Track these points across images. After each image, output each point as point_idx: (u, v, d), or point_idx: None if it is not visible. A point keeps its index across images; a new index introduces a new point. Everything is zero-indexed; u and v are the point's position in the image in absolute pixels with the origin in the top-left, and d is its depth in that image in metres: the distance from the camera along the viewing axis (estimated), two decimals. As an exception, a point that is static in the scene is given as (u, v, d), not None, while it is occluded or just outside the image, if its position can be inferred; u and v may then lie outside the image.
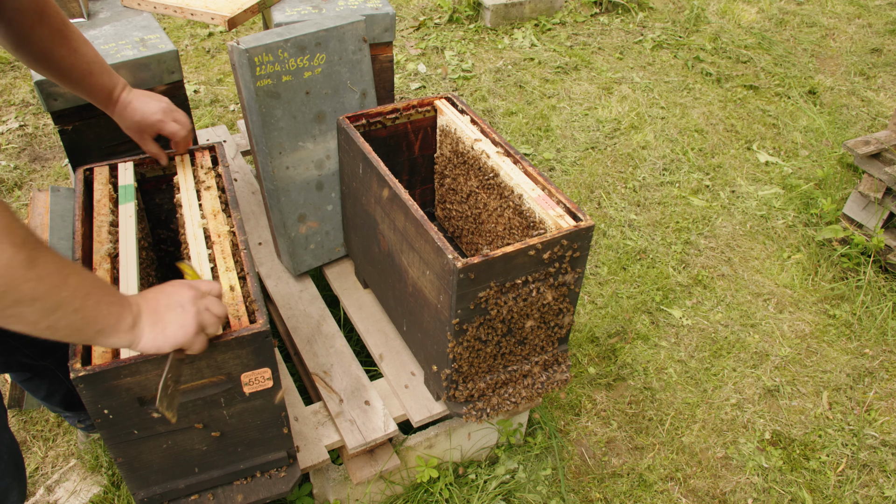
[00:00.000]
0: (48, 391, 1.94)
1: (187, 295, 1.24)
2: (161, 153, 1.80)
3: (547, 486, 2.18)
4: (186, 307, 1.23)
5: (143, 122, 1.70)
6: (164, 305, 1.21)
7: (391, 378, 2.03)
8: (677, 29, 4.94)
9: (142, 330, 1.18)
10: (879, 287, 2.94)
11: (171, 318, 1.21)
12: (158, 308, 1.21)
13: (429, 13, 4.97)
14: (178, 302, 1.23)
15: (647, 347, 2.70)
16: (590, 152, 3.72)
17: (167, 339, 1.21)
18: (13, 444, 1.51)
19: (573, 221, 1.70)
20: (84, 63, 1.58)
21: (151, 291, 1.24)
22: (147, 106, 1.70)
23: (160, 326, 1.20)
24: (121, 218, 1.69)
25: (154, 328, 1.19)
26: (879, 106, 4.24)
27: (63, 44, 1.53)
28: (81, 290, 1.08)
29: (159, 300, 1.22)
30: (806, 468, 2.32)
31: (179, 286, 1.26)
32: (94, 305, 1.09)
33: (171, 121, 1.74)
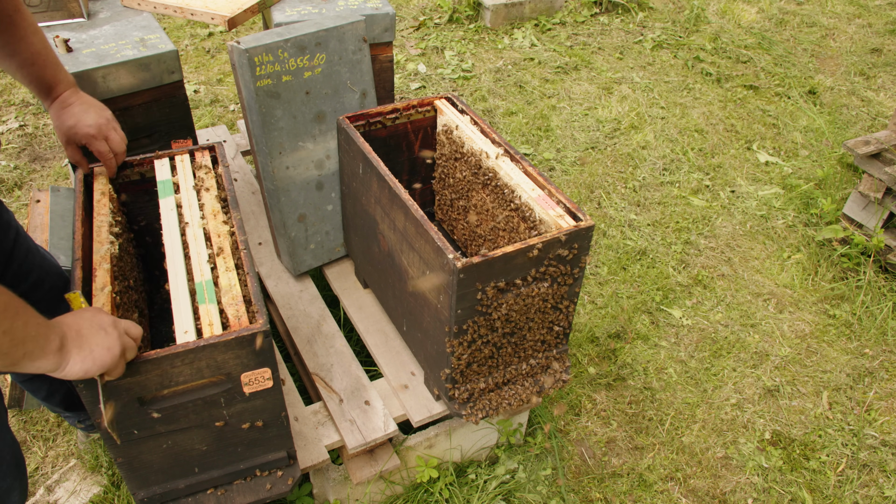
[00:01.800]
0: (48, 392, 1.94)
1: (107, 319, 1.22)
2: (82, 162, 1.72)
3: (547, 486, 2.18)
4: (109, 330, 1.21)
5: (72, 130, 1.63)
6: (87, 328, 1.18)
7: (391, 378, 2.03)
8: (677, 29, 4.94)
9: (69, 352, 1.15)
10: (879, 287, 2.94)
11: (97, 341, 1.18)
12: (82, 332, 1.18)
13: (429, 13, 4.97)
14: (100, 325, 1.20)
15: (647, 347, 2.70)
16: (590, 152, 3.72)
17: (95, 363, 1.19)
18: (14, 445, 1.50)
19: (573, 221, 1.70)
20: (28, 52, 1.55)
21: (70, 316, 1.20)
22: (85, 116, 1.63)
23: (87, 350, 1.17)
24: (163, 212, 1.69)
25: (81, 352, 1.16)
26: (879, 106, 4.24)
27: (9, 30, 1.51)
28: (10, 310, 1.04)
29: (81, 324, 1.18)
30: (806, 468, 2.32)
31: (95, 311, 1.24)
32: (22, 326, 1.05)
33: (103, 139, 1.66)
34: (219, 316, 1.46)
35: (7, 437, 1.48)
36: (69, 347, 1.15)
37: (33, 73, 1.59)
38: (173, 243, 1.63)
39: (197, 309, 1.48)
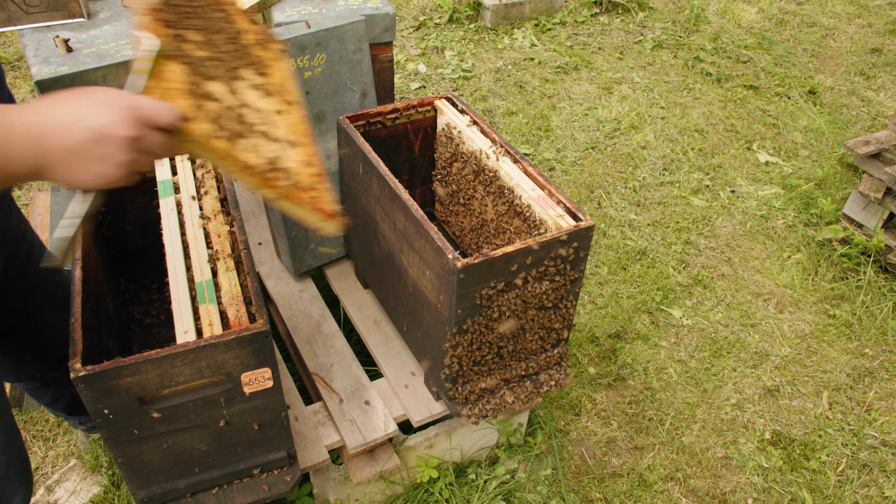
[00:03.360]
0: (52, 398, 1.94)
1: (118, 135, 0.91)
2: None
3: (547, 486, 2.18)
4: (115, 155, 0.92)
5: None
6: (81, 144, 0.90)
7: (391, 378, 2.03)
8: (677, 29, 4.94)
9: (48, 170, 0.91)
10: (879, 287, 2.94)
11: (88, 166, 0.91)
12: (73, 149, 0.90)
13: (429, 13, 4.97)
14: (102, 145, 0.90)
15: (647, 347, 2.69)
16: (590, 152, 3.72)
17: (80, 186, 0.95)
18: (23, 449, 1.52)
19: (573, 221, 1.70)
20: None
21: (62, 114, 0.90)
22: None
23: (72, 171, 0.91)
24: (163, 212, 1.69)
25: (66, 170, 0.91)
26: (879, 106, 4.24)
27: None
28: None
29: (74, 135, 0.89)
30: (806, 468, 2.32)
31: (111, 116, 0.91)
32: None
33: None
34: (219, 316, 1.46)
35: (17, 440, 1.49)
36: (48, 167, 0.90)
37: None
38: (173, 243, 1.63)
39: (197, 309, 1.48)
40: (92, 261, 1.67)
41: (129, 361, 1.33)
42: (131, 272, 2.16)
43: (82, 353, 1.36)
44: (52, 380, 1.87)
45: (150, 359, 1.35)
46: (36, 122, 0.88)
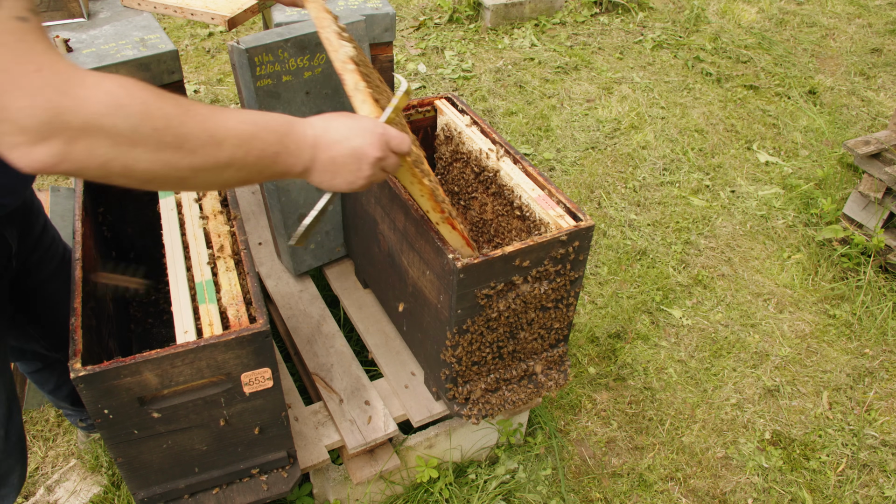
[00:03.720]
0: (56, 384, 1.95)
1: (371, 155, 1.14)
2: None
3: (547, 486, 2.18)
4: (363, 168, 1.15)
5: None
6: (343, 158, 1.13)
7: (391, 378, 2.03)
8: (677, 29, 4.94)
9: (312, 172, 1.14)
10: (879, 287, 2.94)
11: (343, 174, 1.14)
12: (336, 161, 1.13)
13: (429, 13, 4.97)
14: (358, 159, 1.14)
15: (647, 347, 2.70)
16: (590, 152, 3.72)
17: (332, 185, 1.17)
18: (21, 429, 1.55)
19: (573, 221, 1.70)
20: None
21: (335, 132, 1.13)
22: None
23: (328, 176, 1.14)
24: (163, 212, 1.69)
25: (323, 175, 1.14)
26: (879, 106, 4.24)
27: None
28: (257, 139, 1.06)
29: (340, 150, 1.13)
30: (806, 468, 2.32)
31: (370, 139, 1.14)
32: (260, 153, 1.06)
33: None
34: (219, 316, 1.46)
35: (17, 419, 1.52)
36: (313, 170, 1.13)
37: None
38: (173, 243, 1.63)
39: (197, 309, 1.48)
40: (92, 261, 1.68)
41: (129, 361, 1.33)
42: (131, 272, 2.16)
43: (82, 353, 1.36)
44: (55, 363, 1.88)
45: (150, 359, 1.35)
46: (315, 135, 1.11)
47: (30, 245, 1.60)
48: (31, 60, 0.83)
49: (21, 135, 0.82)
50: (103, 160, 0.89)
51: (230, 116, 1.00)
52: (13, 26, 0.82)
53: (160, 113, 0.92)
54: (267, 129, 1.05)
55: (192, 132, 0.95)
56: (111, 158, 0.89)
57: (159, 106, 0.92)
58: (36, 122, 0.82)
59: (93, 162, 0.88)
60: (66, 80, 0.84)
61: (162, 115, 0.92)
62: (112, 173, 0.91)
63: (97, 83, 0.87)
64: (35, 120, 0.82)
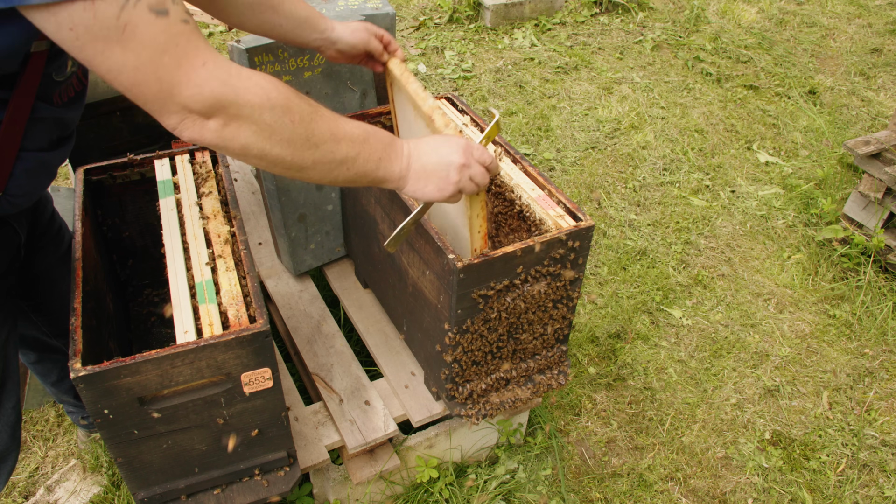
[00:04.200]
0: (59, 376, 1.96)
1: (457, 162, 1.28)
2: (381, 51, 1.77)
3: (547, 486, 2.18)
4: (451, 174, 1.28)
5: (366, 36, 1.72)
6: (432, 165, 1.28)
7: (391, 378, 2.03)
8: (677, 29, 4.94)
9: (406, 180, 1.28)
10: (879, 287, 2.94)
11: (433, 180, 1.28)
12: (426, 168, 1.28)
13: (429, 13, 4.97)
14: (446, 166, 1.28)
15: (647, 347, 2.70)
16: (590, 152, 3.72)
17: (424, 195, 1.30)
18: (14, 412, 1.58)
19: (573, 221, 1.70)
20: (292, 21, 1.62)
21: (426, 145, 1.29)
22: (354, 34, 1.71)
23: (422, 183, 1.28)
24: (163, 212, 1.70)
25: (416, 183, 1.28)
26: (879, 106, 4.24)
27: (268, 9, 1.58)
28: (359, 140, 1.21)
29: (430, 158, 1.28)
30: (806, 468, 2.32)
31: (455, 148, 1.29)
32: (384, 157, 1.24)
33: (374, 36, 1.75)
34: (219, 316, 1.46)
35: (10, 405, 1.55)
36: (408, 177, 1.28)
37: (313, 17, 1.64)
38: (173, 243, 1.63)
39: (197, 309, 1.48)
40: (92, 261, 1.68)
41: (129, 361, 1.33)
42: (131, 272, 2.16)
43: (82, 353, 1.36)
44: (57, 351, 1.89)
45: (150, 359, 1.35)
46: (409, 148, 1.28)
47: (38, 233, 1.63)
48: (198, 56, 1.01)
49: (189, 115, 1.02)
50: (247, 142, 1.07)
51: (348, 122, 1.18)
52: (181, 28, 0.99)
53: (298, 109, 1.10)
54: (375, 137, 1.21)
55: (318, 129, 1.13)
56: (253, 142, 1.07)
57: (297, 104, 1.11)
58: (202, 106, 1.01)
59: (238, 142, 1.07)
60: (227, 73, 1.03)
61: (299, 112, 1.10)
62: (249, 154, 1.09)
63: (250, 77, 1.06)
64: (202, 104, 1.01)
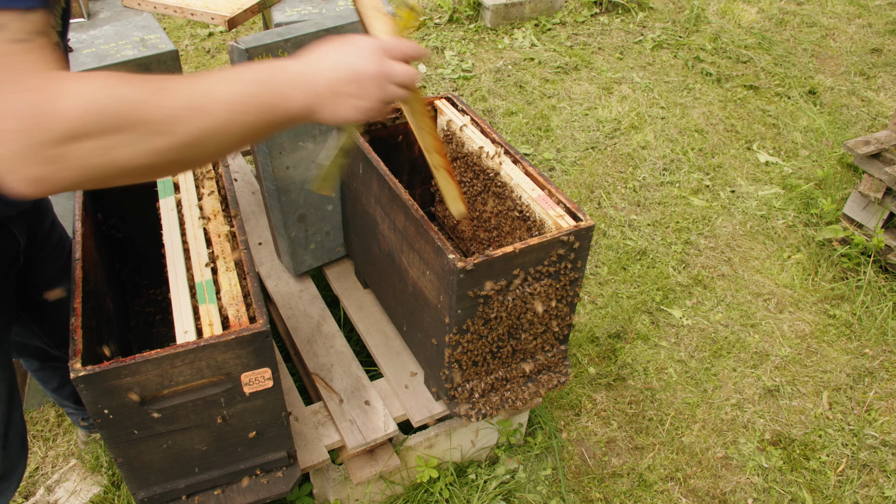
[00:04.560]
0: (59, 383, 1.96)
1: (369, 70, 1.06)
2: None
3: (547, 486, 2.18)
4: (367, 87, 1.06)
5: None
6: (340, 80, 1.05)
7: (391, 378, 2.03)
8: (677, 29, 4.94)
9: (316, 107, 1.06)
10: (879, 287, 2.94)
11: (347, 98, 1.06)
12: (333, 84, 1.05)
13: (429, 13, 4.97)
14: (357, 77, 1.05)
15: (647, 347, 2.69)
16: (590, 152, 3.72)
17: (342, 117, 1.08)
18: (23, 424, 1.57)
19: (573, 221, 1.70)
20: None
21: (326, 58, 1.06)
22: None
23: (333, 105, 1.06)
24: (163, 212, 1.70)
25: (328, 106, 1.06)
26: (879, 106, 4.24)
27: None
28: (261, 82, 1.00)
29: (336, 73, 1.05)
30: (806, 468, 2.32)
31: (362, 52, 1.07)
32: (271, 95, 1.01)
33: None
34: (219, 316, 1.46)
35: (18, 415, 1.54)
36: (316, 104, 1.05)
37: None
38: (173, 243, 1.63)
39: (197, 309, 1.48)
40: (92, 261, 1.68)
41: (129, 361, 1.33)
42: (131, 272, 2.16)
43: (82, 353, 1.36)
44: (58, 360, 1.89)
45: (150, 359, 1.35)
46: (301, 70, 1.04)
47: (38, 242, 1.62)
48: (16, 82, 0.81)
49: (7, 161, 0.80)
50: (95, 165, 0.86)
51: (212, 82, 0.96)
52: (8, 49, 0.82)
53: (139, 103, 0.88)
54: (252, 82, 0.98)
55: (173, 112, 0.90)
56: (103, 163, 0.86)
57: (137, 97, 0.88)
58: (20, 147, 0.80)
59: (85, 171, 0.86)
60: (45, 98, 0.81)
61: (142, 105, 0.88)
62: (109, 175, 0.89)
63: (74, 92, 0.83)
64: (18, 145, 0.80)
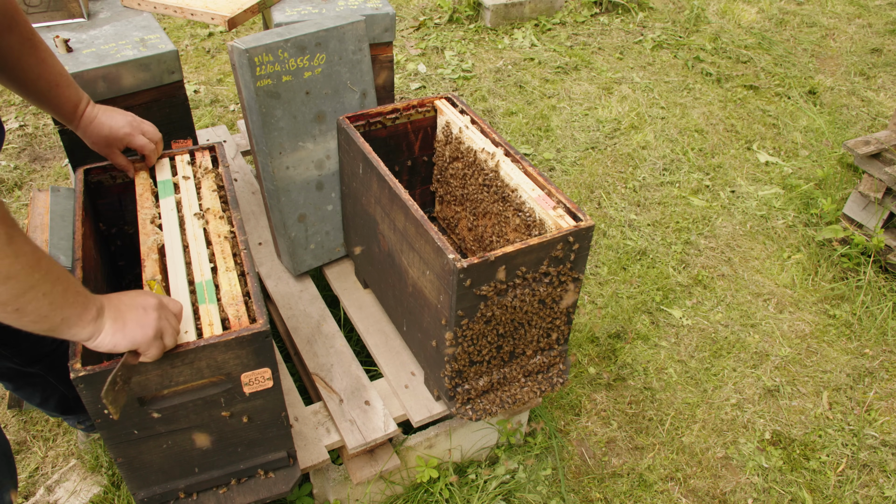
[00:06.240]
0: (42, 398, 1.94)
1: (151, 301, 1.26)
2: (129, 165, 1.77)
3: (547, 486, 2.18)
4: (149, 311, 1.25)
5: (110, 136, 1.67)
6: (126, 305, 1.23)
7: (391, 378, 2.03)
8: (677, 29, 4.94)
9: (103, 324, 1.19)
10: (879, 287, 2.94)
11: (132, 317, 1.23)
12: (121, 307, 1.22)
13: (429, 13, 4.97)
14: (141, 305, 1.25)
15: (647, 347, 2.70)
16: (590, 152, 3.72)
17: (125, 337, 1.22)
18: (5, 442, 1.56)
19: (573, 221, 1.70)
20: (51, 74, 1.54)
21: (115, 294, 1.25)
22: (114, 120, 1.66)
23: (120, 323, 1.21)
24: (163, 212, 1.70)
25: (115, 324, 1.21)
26: (879, 106, 4.24)
27: (32, 53, 1.48)
28: (52, 274, 1.09)
29: (122, 300, 1.24)
30: (806, 468, 2.32)
31: (144, 293, 1.28)
32: (62, 292, 1.10)
33: (140, 133, 1.71)
34: (219, 316, 1.46)
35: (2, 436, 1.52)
36: (105, 320, 1.19)
37: (59, 94, 1.58)
38: (173, 243, 1.63)
39: (197, 309, 1.48)
40: (92, 261, 1.68)
41: (129, 361, 1.33)
42: (131, 272, 2.16)
43: (82, 353, 1.35)
44: (34, 377, 1.86)
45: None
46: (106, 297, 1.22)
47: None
48: None
49: None
50: None
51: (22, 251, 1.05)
52: None
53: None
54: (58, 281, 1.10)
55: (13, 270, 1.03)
56: None
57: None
58: None
59: None
60: None
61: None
62: None
63: None
64: None
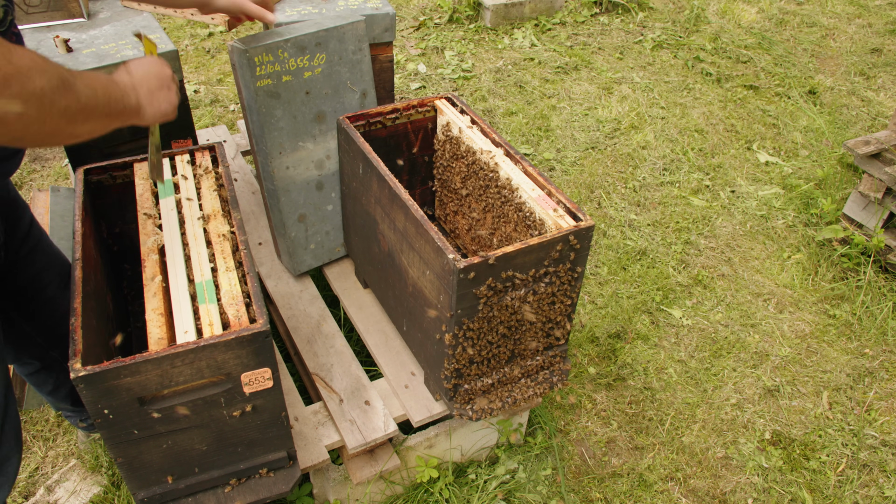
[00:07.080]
0: (55, 385, 1.95)
1: (168, 73, 1.45)
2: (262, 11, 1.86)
3: (547, 486, 2.18)
4: (171, 86, 1.45)
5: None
6: (156, 86, 1.42)
7: (391, 378, 2.03)
8: (677, 29, 4.94)
9: (143, 108, 1.38)
10: (879, 287, 2.94)
11: (162, 96, 1.43)
12: (152, 90, 1.41)
13: (429, 13, 4.97)
14: (166, 83, 1.43)
15: (647, 347, 2.70)
16: (590, 152, 3.72)
17: (161, 114, 1.43)
18: (17, 418, 1.56)
19: (573, 221, 1.70)
20: None
21: (140, 70, 1.41)
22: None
23: (156, 105, 1.41)
24: (163, 212, 1.70)
25: (151, 107, 1.40)
26: (879, 106, 4.24)
27: None
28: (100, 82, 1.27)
29: (151, 82, 1.41)
30: (806, 468, 2.32)
31: (161, 66, 1.44)
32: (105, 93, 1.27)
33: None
34: (219, 316, 1.46)
35: (13, 409, 1.54)
36: (143, 104, 1.38)
37: None
38: (173, 243, 1.63)
39: (197, 309, 1.48)
40: (92, 261, 1.68)
41: (129, 361, 1.33)
42: (131, 272, 2.16)
43: (82, 353, 1.36)
44: (53, 362, 1.88)
45: (150, 359, 1.35)
46: (132, 80, 1.38)
47: (19, 238, 1.62)
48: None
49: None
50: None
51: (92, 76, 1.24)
52: None
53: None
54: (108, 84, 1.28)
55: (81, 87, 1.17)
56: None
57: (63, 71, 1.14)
58: None
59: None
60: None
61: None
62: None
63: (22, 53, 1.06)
64: None
